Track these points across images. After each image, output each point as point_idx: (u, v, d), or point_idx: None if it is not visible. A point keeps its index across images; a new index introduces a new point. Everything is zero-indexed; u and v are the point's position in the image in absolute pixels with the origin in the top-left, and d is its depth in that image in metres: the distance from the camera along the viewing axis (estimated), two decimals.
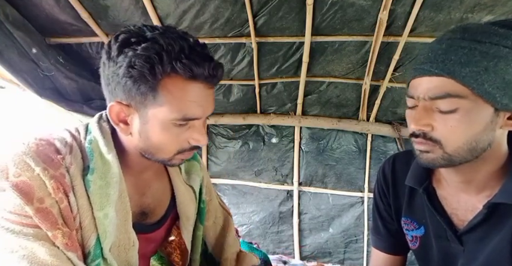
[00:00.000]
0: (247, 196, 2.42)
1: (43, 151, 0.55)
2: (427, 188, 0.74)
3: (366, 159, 2.22)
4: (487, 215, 0.65)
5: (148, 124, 0.60)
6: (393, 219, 0.87)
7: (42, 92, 1.50)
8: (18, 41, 1.39)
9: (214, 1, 1.42)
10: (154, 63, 0.55)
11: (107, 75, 0.59)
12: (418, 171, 0.77)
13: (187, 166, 0.82)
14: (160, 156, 0.64)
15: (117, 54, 0.56)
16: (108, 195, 0.59)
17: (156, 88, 0.57)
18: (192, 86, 0.59)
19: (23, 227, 0.51)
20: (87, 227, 0.57)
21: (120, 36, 0.58)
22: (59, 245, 0.52)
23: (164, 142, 0.62)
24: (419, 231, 0.79)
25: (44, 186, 0.53)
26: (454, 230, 0.71)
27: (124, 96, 0.58)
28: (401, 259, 0.92)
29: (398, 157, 0.87)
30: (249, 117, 2.21)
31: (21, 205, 0.51)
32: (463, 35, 0.59)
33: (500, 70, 0.55)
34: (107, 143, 0.61)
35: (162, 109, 0.58)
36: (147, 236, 0.70)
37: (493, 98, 0.56)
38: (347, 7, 1.46)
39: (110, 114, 0.60)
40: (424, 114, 0.61)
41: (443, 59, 0.58)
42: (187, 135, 0.63)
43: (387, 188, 0.86)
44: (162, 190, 0.75)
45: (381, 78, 1.87)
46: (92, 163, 0.59)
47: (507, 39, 0.56)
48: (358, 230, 2.31)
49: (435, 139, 0.61)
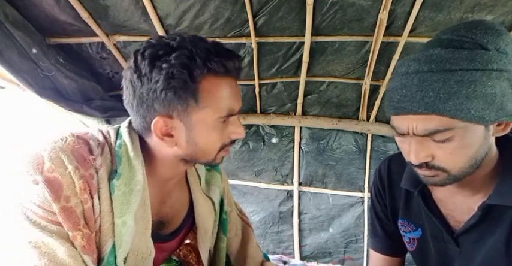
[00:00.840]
0: (247, 196, 2.42)
1: (78, 150, 0.56)
2: (422, 190, 0.75)
3: (366, 159, 2.22)
4: (482, 216, 0.66)
5: (194, 130, 0.61)
6: (390, 221, 0.87)
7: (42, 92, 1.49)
8: (18, 41, 1.38)
9: (214, 1, 1.42)
10: (191, 68, 0.56)
11: (141, 94, 0.59)
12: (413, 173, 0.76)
13: (208, 177, 0.82)
14: (206, 158, 0.65)
15: (150, 69, 0.57)
16: (129, 202, 0.59)
17: (197, 92, 0.58)
18: (226, 82, 0.62)
19: (48, 223, 0.51)
20: (105, 231, 0.57)
21: (146, 52, 0.58)
22: (77, 246, 0.53)
23: (211, 143, 0.63)
24: (417, 233, 0.79)
25: (72, 185, 0.53)
26: (451, 232, 0.71)
27: (165, 109, 0.59)
28: (400, 260, 0.92)
29: (394, 158, 0.87)
30: (249, 117, 2.21)
31: (49, 201, 0.51)
32: (430, 66, 0.58)
33: (480, 94, 0.56)
34: (135, 149, 0.62)
35: (205, 111, 0.60)
36: (161, 245, 0.70)
37: (482, 119, 0.58)
38: (347, 7, 1.46)
39: (154, 131, 0.60)
40: (421, 147, 0.62)
41: (421, 96, 0.58)
42: (228, 131, 0.65)
43: (383, 190, 0.86)
44: (181, 201, 0.75)
45: (381, 78, 1.87)
46: (120, 168, 0.59)
47: (474, 61, 0.56)
48: (358, 230, 2.31)
49: (438, 167, 0.63)
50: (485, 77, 0.56)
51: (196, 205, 0.75)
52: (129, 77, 0.60)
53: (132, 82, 0.60)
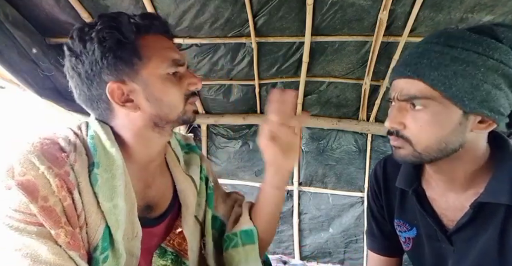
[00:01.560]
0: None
1: (48, 150, 0.56)
2: (416, 189, 0.75)
3: (366, 159, 2.22)
4: (474, 214, 0.66)
5: (149, 86, 0.62)
6: (387, 221, 0.88)
7: (42, 92, 1.50)
8: (18, 41, 1.39)
9: (214, 1, 1.42)
10: (119, 27, 0.59)
11: (86, 73, 0.61)
12: (407, 172, 0.78)
13: (186, 158, 0.84)
14: (174, 113, 0.66)
15: (83, 45, 0.60)
16: (115, 186, 0.60)
17: (136, 49, 0.61)
18: (159, 38, 0.65)
19: (26, 225, 0.51)
20: (93, 222, 0.58)
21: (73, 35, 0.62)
22: (61, 244, 0.53)
23: (170, 94, 0.64)
24: (412, 232, 0.80)
25: (48, 185, 0.53)
26: (444, 231, 0.72)
27: (113, 76, 0.60)
28: (397, 260, 0.92)
29: (390, 159, 0.87)
30: (249, 117, 2.21)
31: (26, 203, 0.51)
32: (438, 39, 0.61)
33: (468, 75, 0.57)
34: (109, 137, 0.63)
35: (151, 64, 0.62)
36: (150, 230, 0.71)
37: (461, 101, 0.58)
38: (347, 7, 1.46)
39: (112, 99, 0.61)
40: (397, 114, 0.65)
41: (416, 62, 0.61)
42: (183, 83, 0.67)
43: (379, 190, 0.87)
44: (165, 184, 0.76)
45: (381, 78, 1.87)
46: (97, 158, 0.60)
47: (478, 45, 0.58)
48: (358, 230, 2.31)
49: (406, 138, 0.64)
50: (481, 61, 0.57)
51: (177, 182, 0.77)
52: (69, 65, 0.62)
53: (73, 68, 0.62)
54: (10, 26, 1.34)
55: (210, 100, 2.17)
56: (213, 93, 2.09)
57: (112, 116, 0.65)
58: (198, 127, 2.35)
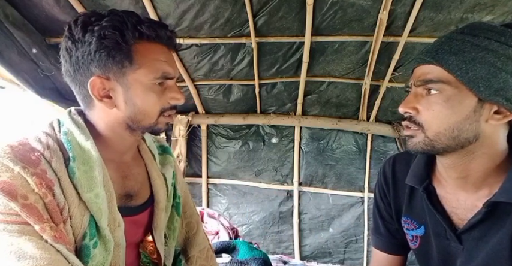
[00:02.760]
0: (247, 196, 2.42)
1: (19, 152, 0.57)
2: (427, 187, 0.75)
3: (366, 159, 2.22)
4: (487, 214, 0.65)
5: (131, 90, 0.64)
6: (393, 219, 0.87)
7: (42, 92, 1.50)
8: (18, 41, 1.39)
9: (214, 1, 1.42)
10: (122, 29, 0.60)
11: (76, 58, 0.62)
12: (418, 170, 0.77)
13: (161, 159, 0.85)
14: (146, 121, 0.67)
15: (83, 34, 0.60)
16: (93, 177, 0.61)
17: (130, 53, 0.62)
18: (159, 47, 0.66)
19: (6, 225, 0.51)
20: (77, 213, 0.59)
21: (78, 20, 0.61)
22: (47, 238, 0.53)
23: (148, 104, 0.65)
24: (420, 231, 0.79)
25: (26, 183, 0.54)
26: (454, 229, 0.71)
27: (101, 70, 0.62)
28: (402, 259, 0.92)
29: (399, 157, 0.87)
30: (249, 117, 2.21)
31: (4, 204, 0.52)
32: (463, 29, 0.62)
33: (487, 62, 0.57)
34: (82, 132, 0.64)
35: (140, 71, 0.63)
36: (133, 218, 0.72)
37: (476, 87, 0.58)
38: (347, 7, 1.46)
39: (92, 91, 0.63)
40: (412, 99, 0.65)
41: (437, 49, 0.62)
42: (166, 96, 0.67)
43: (387, 188, 0.86)
44: (142, 175, 0.78)
45: (380, 78, 1.88)
46: (72, 152, 0.61)
47: (501, 35, 0.58)
48: (358, 230, 2.31)
49: (418, 122, 0.64)
50: (502, 50, 0.57)
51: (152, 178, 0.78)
52: (64, 45, 0.63)
53: (67, 49, 0.62)
54: (10, 26, 1.34)
55: (210, 100, 2.17)
56: (213, 93, 2.09)
57: (91, 104, 0.67)
58: (198, 127, 2.35)
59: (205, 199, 2.43)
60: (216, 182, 2.42)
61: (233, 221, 2.32)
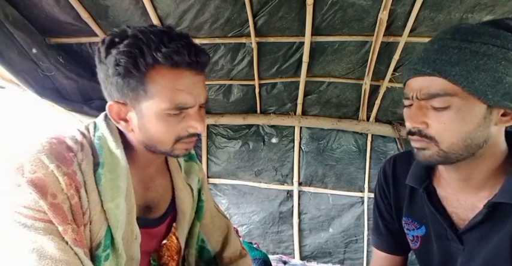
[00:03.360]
0: (247, 196, 2.42)
1: (56, 150, 0.58)
2: (427, 187, 0.75)
3: (366, 159, 2.22)
4: (487, 214, 0.65)
5: (144, 118, 0.63)
6: (394, 219, 0.87)
7: (42, 92, 1.49)
8: (18, 41, 1.38)
9: (214, 1, 1.42)
10: (136, 56, 0.58)
11: (102, 78, 0.63)
12: (418, 170, 0.77)
13: (186, 167, 0.85)
14: (162, 148, 0.66)
15: (105, 55, 0.60)
16: (118, 187, 0.61)
17: (144, 81, 0.59)
18: (178, 74, 0.60)
19: (34, 222, 0.53)
20: (97, 220, 0.59)
21: (106, 39, 0.61)
22: (68, 240, 0.54)
23: (162, 133, 0.64)
24: (420, 231, 0.79)
25: (57, 182, 0.55)
26: (454, 230, 0.71)
27: (118, 94, 0.62)
28: (402, 259, 0.92)
29: (399, 157, 0.87)
30: (249, 117, 2.21)
31: (35, 200, 0.53)
32: (454, 35, 0.60)
33: (490, 69, 0.57)
34: (115, 139, 0.64)
35: (153, 101, 0.60)
36: (150, 231, 0.72)
37: (484, 95, 0.57)
38: (347, 7, 1.46)
39: (110, 114, 0.64)
40: (418, 112, 0.63)
41: (434, 58, 0.60)
42: (184, 124, 0.64)
43: (388, 188, 0.86)
44: (164, 186, 0.77)
45: (381, 78, 1.88)
46: (102, 158, 0.61)
47: (496, 38, 0.57)
48: (358, 230, 2.31)
49: (430, 136, 0.63)
50: (501, 54, 0.56)
51: (177, 190, 0.78)
52: (97, 59, 0.64)
53: (97, 67, 0.64)
54: (10, 26, 1.34)
55: (210, 100, 2.17)
56: (213, 93, 2.09)
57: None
58: None
59: None
60: (216, 182, 2.42)
61: (233, 221, 2.32)
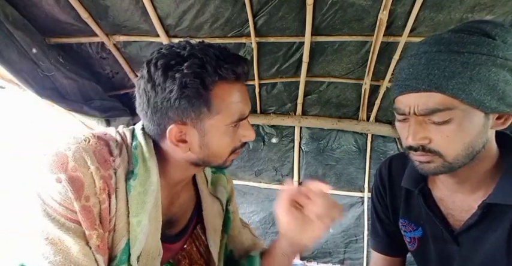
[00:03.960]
0: (247, 196, 2.42)
1: (100, 151, 0.58)
2: (422, 189, 0.75)
3: (366, 159, 2.22)
4: (482, 215, 0.66)
5: (207, 136, 0.63)
6: (391, 221, 0.88)
7: (42, 92, 1.49)
8: (18, 41, 1.38)
9: (214, 1, 1.42)
10: (203, 76, 0.58)
11: (155, 103, 0.60)
12: (413, 172, 0.77)
13: (213, 179, 0.84)
14: (217, 161, 0.68)
15: (164, 79, 0.58)
16: (144, 202, 0.60)
17: (209, 100, 0.60)
18: (236, 87, 0.64)
19: (66, 221, 0.53)
20: (120, 230, 0.58)
21: (158, 63, 0.59)
22: (91, 245, 0.54)
23: (223, 147, 0.66)
24: (417, 232, 0.79)
25: (93, 185, 0.55)
26: (451, 231, 0.71)
27: (178, 117, 0.61)
28: (400, 260, 0.92)
29: (395, 159, 0.87)
30: (249, 117, 2.21)
31: (71, 199, 0.53)
32: (439, 47, 0.60)
33: (483, 77, 0.57)
34: (150, 151, 0.64)
35: (218, 117, 0.62)
36: (169, 246, 0.71)
37: (482, 104, 0.58)
38: (347, 7, 1.46)
39: (169, 138, 0.62)
40: (419, 128, 0.62)
41: (426, 74, 0.60)
42: (239, 134, 0.68)
43: (384, 190, 0.87)
44: (188, 201, 0.77)
45: (381, 78, 1.87)
46: (136, 169, 0.61)
47: (481, 46, 0.58)
48: (358, 230, 2.31)
49: (434, 151, 0.63)
50: (490, 62, 0.58)
51: (205, 205, 0.77)
52: (143, 86, 0.61)
53: (146, 92, 0.61)
54: (10, 26, 1.34)
55: None
56: None
57: (161, 140, 0.66)
58: None
59: None
60: None
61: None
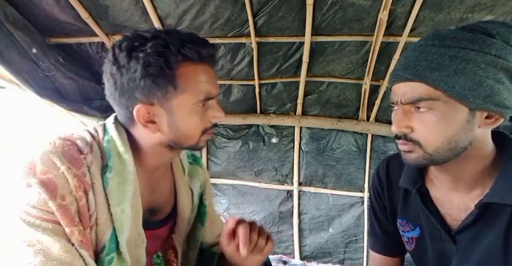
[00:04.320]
0: (247, 196, 2.42)
1: (68, 151, 0.58)
2: (420, 189, 0.75)
3: (366, 159, 2.22)
4: (479, 214, 0.66)
5: (175, 115, 0.64)
6: (389, 221, 0.88)
7: (42, 92, 1.50)
8: (18, 41, 1.38)
9: (214, 1, 1.42)
10: (166, 55, 0.60)
11: (121, 85, 0.62)
12: (411, 172, 0.78)
13: (190, 170, 0.86)
14: (189, 142, 0.68)
15: (128, 60, 0.61)
16: (125, 191, 0.62)
17: (174, 79, 0.62)
18: (201, 68, 0.66)
19: (42, 222, 0.53)
20: (103, 223, 0.60)
21: (122, 44, 0.62)
22: (74, 241, 0.54)
23: (192, 126, 0.67)
24: (415, 232, 0.80)
25: (66, 184, 0.56)
26: (448, 230, 0.72)
27: (145, 97, 0.62)
28: (399, 260, 0.92)
29: (393, 159, 0.87)
30: (249, 117, 2.21)
31: (45, 200, 0.53)
32: (433, 41, 0.63)
33: (469, 72, 0.58)
34: (124, 143, 0.65)
35: (184, 96, 0.64)
36: (154, 232, 0.72)
37: (466, 99, 0.59)
38: (347, 7, 1.46)
39: (137, 118, 0.63)
40: (403, 117, 0.64)
41: (415, 64, 0.62)
42: (208, 115, 0.68)
43: (382, 190, 0.87)
44: (168, 189, 0.78)
45: (381, 78, 1.88)
46: (110, 162, 0.62)
47: (474, 42, 0.58)
48: (358, 230, 2.31)
49: (415, 140, 0.64)
50: (480, 58, 0.58)
51: (179, 194, 0.79)
52: (109, 70, 0.64)
53: (112, 75, 0.63)
54: (10, 26, 1.34)
55: None
56: None
57: (132, 125, 0.68)
58: None
59: None
60: (216, 182, 2.42)
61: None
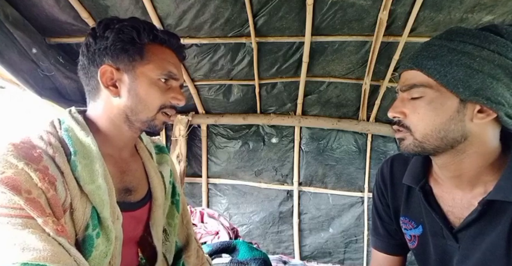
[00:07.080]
0: (247, 196, 2.42)
1: (22, 149, 0.59)
2: (423, 186, 0.76)
3: (366, 159, 2.23)
4: (482, 212, 0.66)
5: (137, 81, 0.70)
6: (392, 220, 0.88)
7: (42, 92, 1.50)
8: (18, 41, 1.39)
9: (214, 1, 1.43)
10: (139, 29, 0.69)
11: (93, 51, 0.69)
12: (415, 169, 0.78)
13: (158, 158, 0.89)
14: (144, 114, 0.72)
15: (104, 30, 0.69)
16: (95, 170, 0.64)
17: (143, 50, 0.70)
18: (169, 52, 0.74)
19: (10, 219, 0.53)
20: (79, 206, 0.62)
21: (102, 22, 0.70)
22: (49, 231, 0.54)
23: (150, 96, 0.71)
24: (418, 230, 0.80)
25: (29, 178, 0.56)
26: (450, 228, 0.72)
27: (113, 61, 0.69)
28: (401, 259, 0.92)
29: (397, 158, 0.88)
30: (249, 117, 2.21)
31: (9, 198, 0.53)
32: (441, 35, 0.66)
33: (463, 64, 0.60)
34: (82, 128, 0.68)
35: (149, 66, 0.70)
36: (132, 214, 0.74)
37: (456, 88, 0.61)
38: (347, 7, 1.46)
39: (101, 79, 0.69)
40: (399, 103, 0.68)
41: (417, 55, 0.66)
42: (168, 94, 0.73)
43: (386, 189, 0.87)
44: (140, 171, 0.80)
45: (381, 78, 1.88)
46: (72, 147, 0.64)
47: (476, 38, 0.61)
48: (358, 230, 2.31)
49: (406, 126, 0.67)
50: (476, 52, 0.60)
51: (149, 176, 0.81)
52: (86, 41, 0.71)
53: (87, 45, 0.70)
54: (10, 26, 1.34)
55: (210, 100, 2.17)
56: (213, 93, 2.09)
57: (96, 96, 0.73)
58: (198, 127, 2.35)
59: (205, 199, 2.43)
60: (216, 182, 2.42)
61: (233, 222, 2.32)
